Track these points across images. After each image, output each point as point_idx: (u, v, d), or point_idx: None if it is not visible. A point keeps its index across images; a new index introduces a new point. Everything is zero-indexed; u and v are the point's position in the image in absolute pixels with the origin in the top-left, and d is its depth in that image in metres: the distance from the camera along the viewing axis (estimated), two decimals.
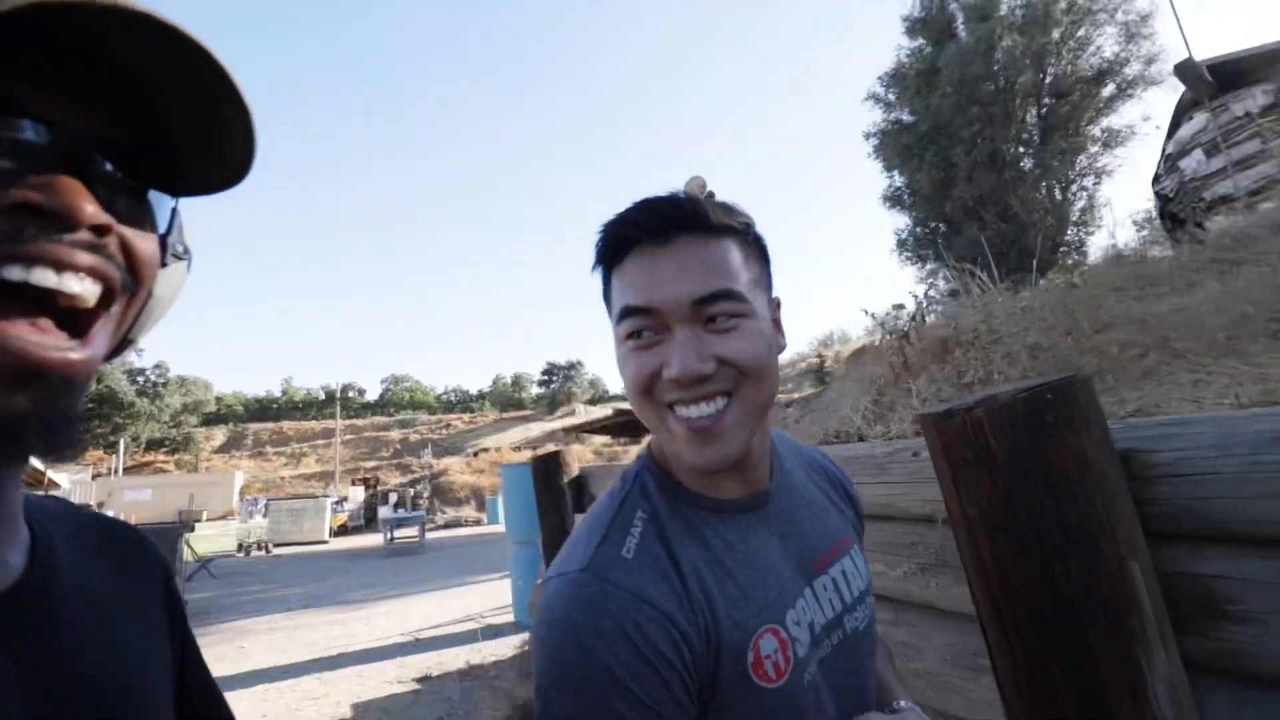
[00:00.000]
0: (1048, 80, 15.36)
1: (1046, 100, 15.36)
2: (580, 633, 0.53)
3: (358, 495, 23.31)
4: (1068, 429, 0.97)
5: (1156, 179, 5.19)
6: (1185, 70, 4.87)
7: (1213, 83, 4.83)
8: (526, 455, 24.31)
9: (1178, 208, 4.61)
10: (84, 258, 0.34)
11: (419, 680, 5.00)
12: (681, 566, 0.58)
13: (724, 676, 0.56)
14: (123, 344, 0.44)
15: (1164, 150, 5.15)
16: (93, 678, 0.41)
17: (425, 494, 25.25)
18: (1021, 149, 15.67)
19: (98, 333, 0.37)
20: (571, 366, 70.49)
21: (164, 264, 0.43)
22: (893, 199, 18.14)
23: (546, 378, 71.71)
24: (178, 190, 0.43)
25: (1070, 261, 16.57)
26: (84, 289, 0.35)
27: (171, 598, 0.54)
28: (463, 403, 76.90)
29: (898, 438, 1.76)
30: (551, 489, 3.59)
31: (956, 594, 1.34)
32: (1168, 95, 15.00)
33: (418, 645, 6.05)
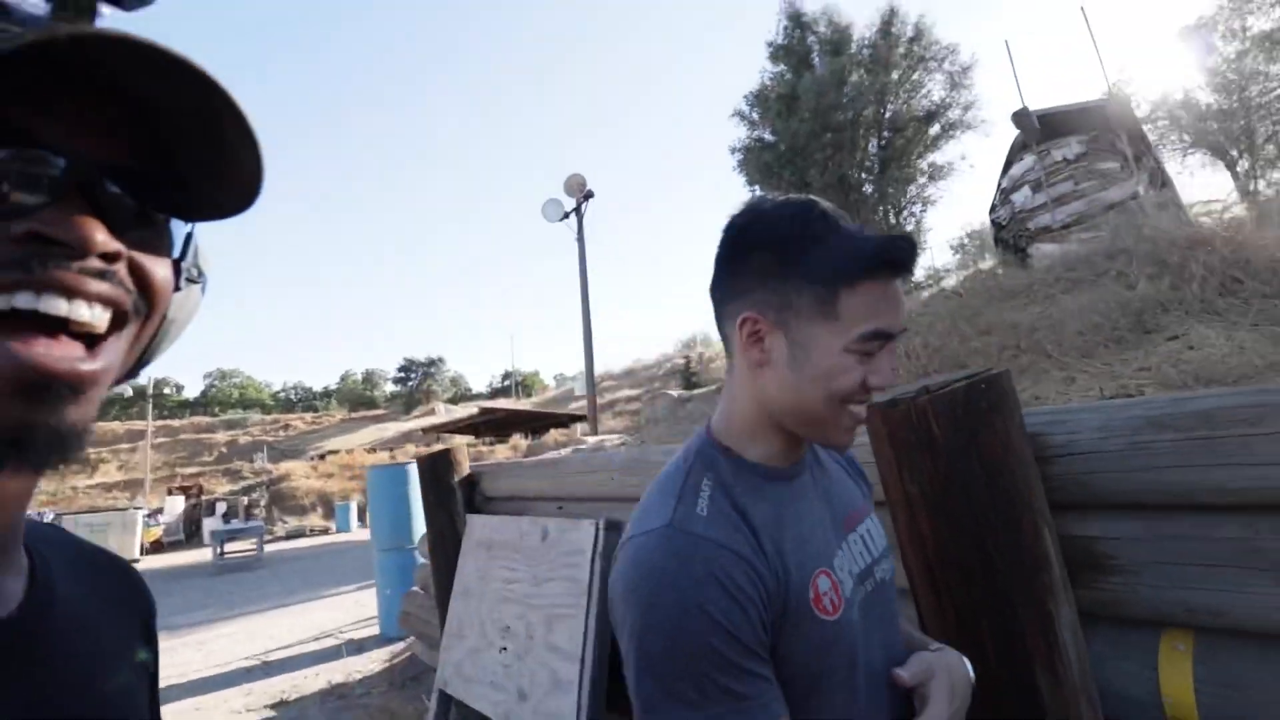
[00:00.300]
0: (887, 116, 17.25)
1: (886, 134, 17.24)
2: (674, 578, 0.60)
3: (176, 506, 20.38)
4: (996, 415, 1.11)
5: (993, 209, 6.14)
6: (1020, 118, 5.84)
7: (1040, 130, 5.83)
8: (383, 457, 22.77)
9: (1009, 234, 5.51)
10: (94, 285, 0.35)
11: (273, 706, 4.50)
12: (751, 520, 0.67)
13: (791, 611, 0.64)
14: (137, 365, 0.45)
15: (999, 184, 6.10)
16: (88, 711, 0.41)
17: (262, 502, 22.74)
18: (864, 175, 17.46)
19: (109, 349, 0.38)
20: (431, 363, 67.17)
21: (178, 288, 0.44)
22: None
23: (403, 375, 67.70)
24: (189, 215, 0.44)
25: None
26: (94, 316, 0.35)
27: (150, 635, 0.55)
28: (305, 401, 70.32)
29: None
30: (441, 488, 3.41)
31: None
32: (981, 139, 17.53)
33: (268, 669, 5.44)
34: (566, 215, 11.41)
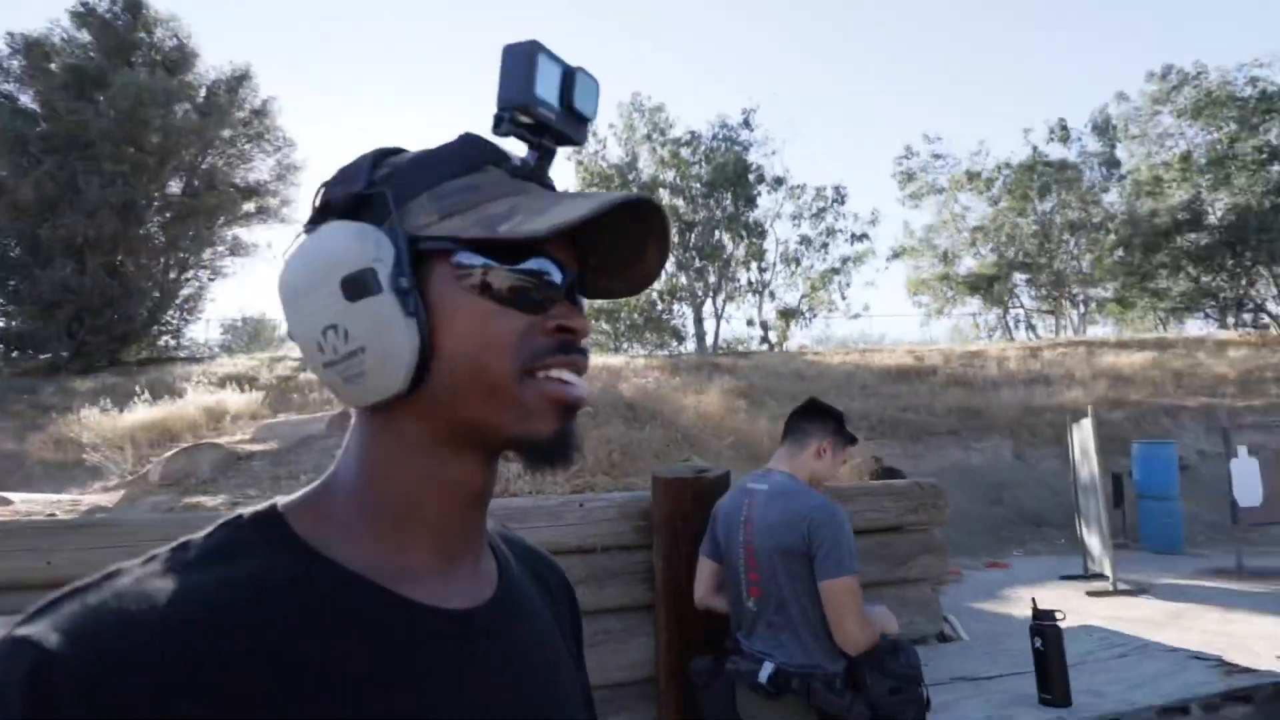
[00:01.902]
0: (204, 166, 15.75)
1: (198, 183, 15.60)
2: (840, 512, 1.72)
3: None
4: (719, 489, 2.09)
5: None
6: None
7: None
8: None
9: None
10: (584, 361, 0.47)
11: None
12: None
13: None
14: None
15: None
16: (551, 685, 0.49)
17: None
18: (158, 214, 15.04)
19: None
20: None
21: None
22: None
23: None
24: (596, 296, 0.55)
25: (162, 342, 16.28)
26: (580, 381, 0.46)
27: (578, 624, 0.61)
28: None
29: (562, 495, 2.12)
30: None
31: (610, 595, 2.10)
32: (290, 229, 18.03)
33: None
34: None
